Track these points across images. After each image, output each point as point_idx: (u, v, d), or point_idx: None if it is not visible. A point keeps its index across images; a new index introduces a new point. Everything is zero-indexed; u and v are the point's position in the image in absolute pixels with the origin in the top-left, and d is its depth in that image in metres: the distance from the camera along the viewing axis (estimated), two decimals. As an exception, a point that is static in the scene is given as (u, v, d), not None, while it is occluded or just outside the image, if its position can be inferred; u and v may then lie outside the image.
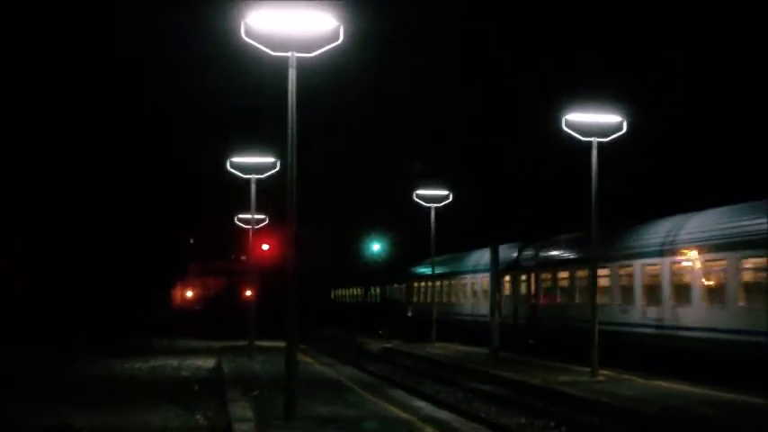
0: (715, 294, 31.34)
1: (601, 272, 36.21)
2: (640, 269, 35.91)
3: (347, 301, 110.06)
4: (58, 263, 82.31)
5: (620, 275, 37.65)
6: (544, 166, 53.24)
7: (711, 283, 31.64)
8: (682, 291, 33.12)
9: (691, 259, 32.50)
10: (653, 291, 34.99)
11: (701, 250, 31.91)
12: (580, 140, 33.26)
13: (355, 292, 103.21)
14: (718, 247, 31.03)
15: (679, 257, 33.25)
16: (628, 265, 36.98)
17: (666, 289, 33.96)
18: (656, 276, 34.90)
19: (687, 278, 32.90)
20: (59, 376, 33.84)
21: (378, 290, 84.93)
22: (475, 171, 50.77)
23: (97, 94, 78.45)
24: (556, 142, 37.24)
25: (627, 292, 37.05)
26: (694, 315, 32.19)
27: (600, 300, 34.86)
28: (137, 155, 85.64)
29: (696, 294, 32.13)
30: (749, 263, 29.74)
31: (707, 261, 31.68)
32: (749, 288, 29.78)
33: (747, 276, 29.97)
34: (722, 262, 30.81)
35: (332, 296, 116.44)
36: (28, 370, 36.78)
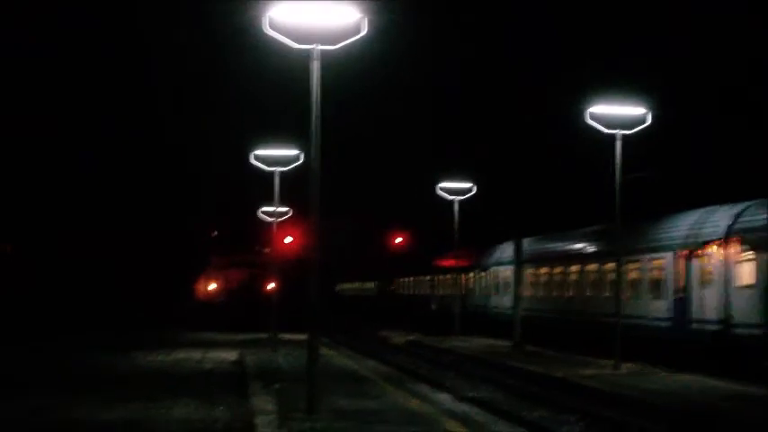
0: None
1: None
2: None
3: (353, 295, 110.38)
4: (82, 256, 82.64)
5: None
6: (568, 159, 53.05)
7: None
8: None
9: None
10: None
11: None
12: (604, 133, 33.18)
13: (367, 286, 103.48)
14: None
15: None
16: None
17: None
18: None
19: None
20: (83, 369, 33.93)
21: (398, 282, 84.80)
22: (499, 164, 50.62)
23: (121, 86, 78.63)
24: (580, 134, 37.08)
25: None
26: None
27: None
28: (160, 148, 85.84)
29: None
30: None
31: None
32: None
33: None
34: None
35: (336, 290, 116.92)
36: (53, 363, 36.90)
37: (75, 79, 74.78)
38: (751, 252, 30.08)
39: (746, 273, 30.30)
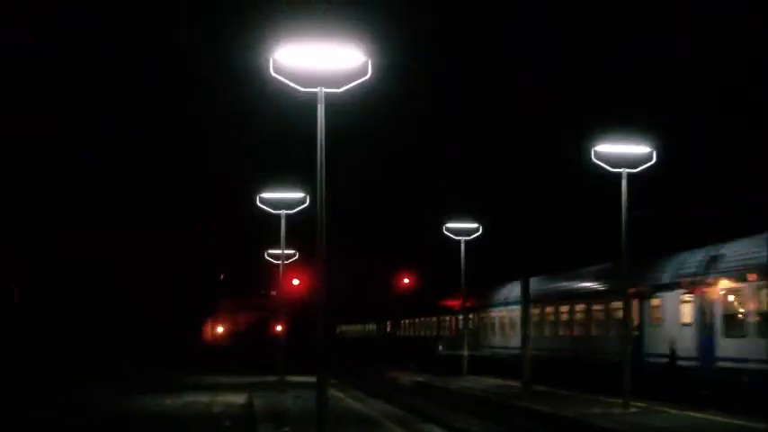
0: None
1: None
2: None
3: (352, 337, 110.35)
4: (89, 300, 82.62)
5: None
6: (573, 197, 53.09)
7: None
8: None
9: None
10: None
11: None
12: (609, 171, 33.26)
13: (368, 328, 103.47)
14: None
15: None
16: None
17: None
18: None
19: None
20: (90, 413, 33.86)
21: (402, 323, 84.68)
22: (505, 204, 50.64)
23: (130, 127, 78.87)
24: (585, 173, 37.13)
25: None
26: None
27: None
28: (167, 191, 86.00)
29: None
30: None
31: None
32: None
33: None
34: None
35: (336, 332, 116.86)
36: (59, 407, 36.83)
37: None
38: (690, 295, 34.41)
39: (686, 313, 34.75)
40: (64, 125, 73.85)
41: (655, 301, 37.21)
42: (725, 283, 32.33)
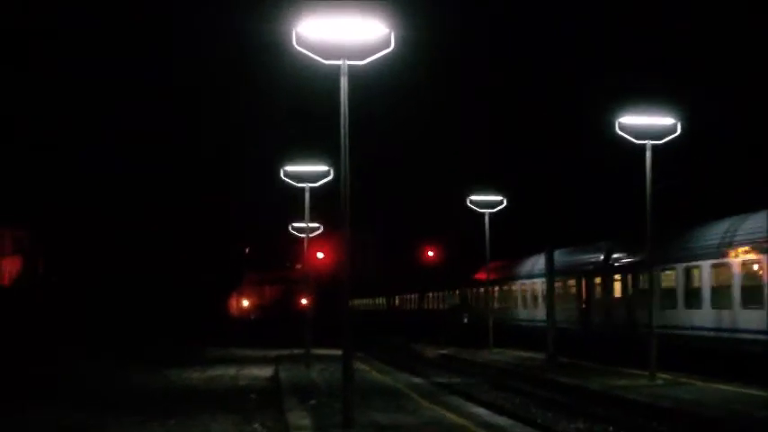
0: None
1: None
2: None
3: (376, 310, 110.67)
4: (116, 274, 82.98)
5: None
6: (598, 170, 52.96)
7: None
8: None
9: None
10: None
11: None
12: (634, 143, 33.11)
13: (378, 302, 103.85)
14: None
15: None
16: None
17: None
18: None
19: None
20: (118, 387, 34.07)
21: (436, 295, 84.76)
22: (530, 176, 50.57)
23: (156, 108, 79.11)
24: (610, 145, 36.98)
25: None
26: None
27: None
28: (193, 168, 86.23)
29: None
30: None
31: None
32: None
33: None
34: None
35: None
36: (87, 380, 37.05)
37: (114, 92, 75.14)
38: (618, 275, 42.57)
39: (617, 289, 42.89)
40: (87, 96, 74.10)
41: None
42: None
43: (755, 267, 31.56)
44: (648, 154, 32.85)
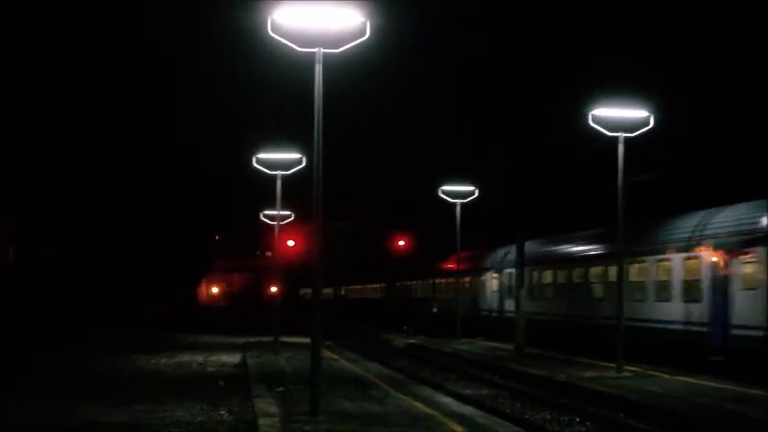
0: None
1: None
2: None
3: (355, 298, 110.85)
4: (85, 262, 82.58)
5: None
6: (569, 161, 53.10)
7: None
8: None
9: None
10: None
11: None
12: (606, 135, 33.20)
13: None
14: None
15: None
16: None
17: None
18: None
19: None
20: (85, 372, 33.95)
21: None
22: (501, 167, 50.65)
23: (127, 93, 78.73)
24: (582, 137, 37.10)
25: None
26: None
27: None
28: (163, 153, 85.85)
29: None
30: None
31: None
32: None
33: None
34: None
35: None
36: (53, 366, 36.91)
37: (83, 80, 74.67)
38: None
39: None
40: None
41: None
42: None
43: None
44: (621, 146, 32.94)
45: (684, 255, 34.08)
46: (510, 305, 49.98)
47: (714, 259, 31.99)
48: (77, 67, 72.46)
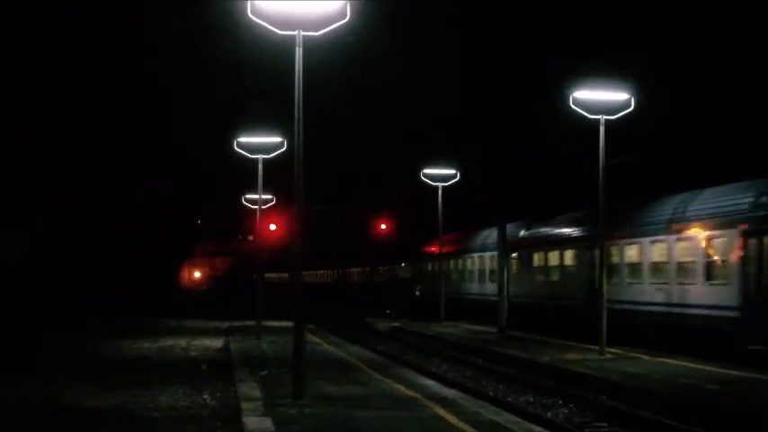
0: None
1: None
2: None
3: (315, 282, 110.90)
4: (66, 245, 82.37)
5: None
6: (552, 144, 53.16)
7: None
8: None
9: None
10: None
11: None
12: (588, 118, 33.21)
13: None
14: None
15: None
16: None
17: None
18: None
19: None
20: (70, 356, 33.92)
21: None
22: (482, 149, 50.69)
23: (112, 80, 78.44)
24: (564, 119, 37.13)
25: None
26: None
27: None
28: (144, 136, 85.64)
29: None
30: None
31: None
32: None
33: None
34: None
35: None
36: (37, 350, 36.87)
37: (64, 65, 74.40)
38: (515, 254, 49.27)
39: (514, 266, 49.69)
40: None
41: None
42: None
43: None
44: (602, 129, 32.98)
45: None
46: (492, 288, 50.05)
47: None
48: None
